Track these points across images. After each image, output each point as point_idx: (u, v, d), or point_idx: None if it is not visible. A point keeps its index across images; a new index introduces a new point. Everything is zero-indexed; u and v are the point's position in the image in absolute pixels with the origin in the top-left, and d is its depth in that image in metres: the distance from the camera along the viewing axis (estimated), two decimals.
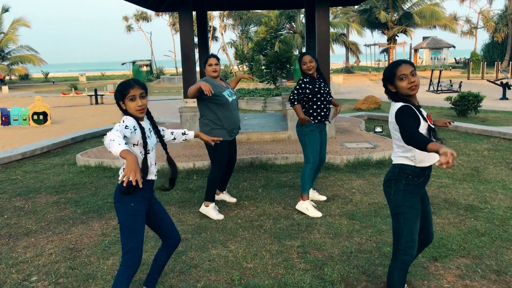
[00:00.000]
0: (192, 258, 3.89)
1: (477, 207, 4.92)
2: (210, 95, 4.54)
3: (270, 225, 4.60)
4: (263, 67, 18.13)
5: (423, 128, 2.67)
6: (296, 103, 4.91)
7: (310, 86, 4.88)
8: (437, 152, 2.29)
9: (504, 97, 15.98)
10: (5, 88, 29.07)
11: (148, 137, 2.85)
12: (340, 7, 37.28)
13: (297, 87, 4.91)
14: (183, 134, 3.34)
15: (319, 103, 4.92)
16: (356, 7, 35.38)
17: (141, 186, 2.34)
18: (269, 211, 5.00)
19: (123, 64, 41.96)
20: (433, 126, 2.74)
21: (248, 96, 16.07)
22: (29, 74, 44.58)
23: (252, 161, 7.06)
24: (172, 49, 46.54)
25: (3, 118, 12.85)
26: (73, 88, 26.45)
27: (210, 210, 4.88)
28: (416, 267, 3.58)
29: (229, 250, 4.02)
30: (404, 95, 2.70)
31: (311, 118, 4.95)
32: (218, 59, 5.01)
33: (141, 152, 2.82)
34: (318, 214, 4.82)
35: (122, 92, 2.75)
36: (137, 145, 2.80)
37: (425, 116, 2.74)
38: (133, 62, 38.94)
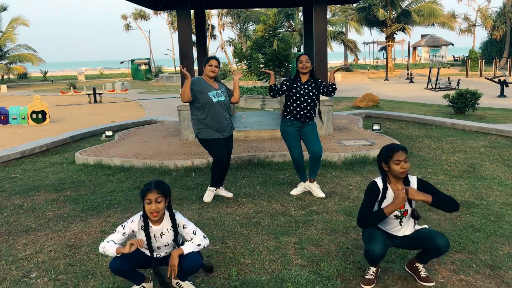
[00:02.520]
0: None
1: (473, 203, 4.96)
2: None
3: (267, 221, 4.64)
4: (261, 65, 18.15)
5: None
6: (272, 87, 5.31)
7: (288, 84, 5.26)
8: (393, 209, 3.02)
9: (502, 95, 16.03)
10: (3, 87, 29.06)
11: (154, 240, 3.10)
12: (338, 5, 37.29)
13: (281, 81, 5.33)
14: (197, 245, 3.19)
15: (294, 104, 5.23)
16: (354, 5, 35.38)
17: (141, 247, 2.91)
18: (267, 208, 5.04)
19: (121, 62, 41.98)
20: (399, 214, 3.17)
21: (247, 94, 16.11)
22: (28, 73, 44.52)
23: (250, 159, 7.10)
24: (171, 47, 46.57)
25: (2, 117, 12.87)
26: (71, 87, 26.46)
27: (207, 191, 5.44)
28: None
29: (227, 247, 4.06)
30: (394, 175, 3.13)
31: (285, 114, 5.33)
32: (219, 62, 5.25)
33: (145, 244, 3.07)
34: (294, 192, 5.49)
35: (141, 195, 3.00)
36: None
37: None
38: (132, 61, 38.92)
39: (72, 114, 15.23)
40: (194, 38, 11.44)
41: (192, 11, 11.01)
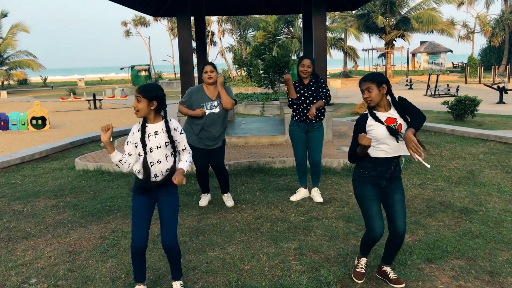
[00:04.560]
0: (190, 260, 3.93)
1: (472, 210, 4.97)
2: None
3: (267, 227, 4.64)
4: (261, 72, 18.21)
5: (381, 131, 3.17)
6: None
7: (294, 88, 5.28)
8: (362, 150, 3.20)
9: (501, 101, 16.07)
10: (3, 93, 29.10)
11: (148, 139, 3.16)
12: (338, 12, 37.44)
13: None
14: (185, 161, 3.31)
15: (300, 107, 5.28)
16: (353, 12, 35.54)
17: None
18: (267, 214, 5.04)
19: (121, 69, 42.05)
20: (393, 128, 3.17)
21: (246, 100, 16.14)
22: (28, 79, 44.60)
23: (250, 165, 7.11)
24: (171, 54, 46.67)
25: (2, 123, 12.88)
26: (71, 93, 26.49)
27: (201, 198, 5.58)
28: (411, 268, 3.63)
29: (226, 253, 4.06)
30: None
31: (292, 116, 5.40)
32: (214, 66, 5.17)
33: (139, 153, 3.18)
34: (293, 198, 5.51)
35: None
36: (137, 146, 3.20)
37: (383, 120, 3.18)
38: (132, 67, 38.99)
39: (72, 120, 15.25)
40: (194, 44, 11.48)
41: (192, 18, 11.05)
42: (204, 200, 5.52)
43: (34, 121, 12.95)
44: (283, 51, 18.02)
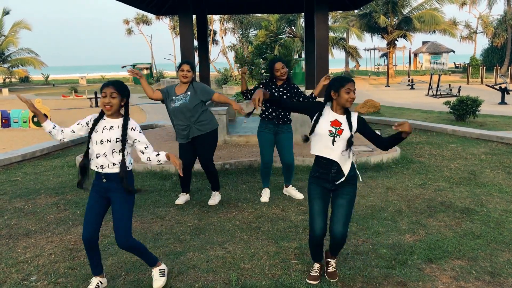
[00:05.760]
0: (190, 259, 3.93)
1: (473, 210, 4.96)
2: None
3: (268, 227, 4.64)
4: (263, 71, 18.19)
5: (323, 127, 3.25)
6: (244, 91, 5.50)
7: (262, 87, 5.28)
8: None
9: (502, 102, 16.05)
10: (5, 91, 29.14)
11: (96, 131, 3.21)
12: (340, 11, 37.41)
13: (256, 85, 5.40)
14: (157, 155, 3.34)
15: (270, 108, 5.29)
16: (355, 11, 35.49)
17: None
18: (267, 213, 5.04)
19: (123, 67, 42.02)
20: (333, 131, 3.25)
21: (248, 100, 16.13)
22: (30, 76, 44.64)
23: (251, 164, 7.10)
24: (172, 52, 46.71)
25: (4, 120, 12.90)
26: (73, 91, 26.52)
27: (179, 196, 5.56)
28: (411, 268, 3.63)
29: (227, 251, 4.06)
30: (339, 104, 3.27)
31: (262, 116, 5.39)
32: (192, 66, 5.19)
33: (88, 145, 3.26)
34: (263, 199, 5.46)
35: (101, 89, 3.19)
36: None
37: (330, 120, 3.26)
38: (133, 65, 39.02)
39: (74, 118, 15.26)
40: (195, 43, 11.48)
41: (194, 16, 11.05)
42: (181, 199, 5.48)
43: (35, 119, 12.96)
44: (285, 50, 18.02)
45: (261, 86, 5.35)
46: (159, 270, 3.46)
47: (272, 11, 12.92)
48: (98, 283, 3.41)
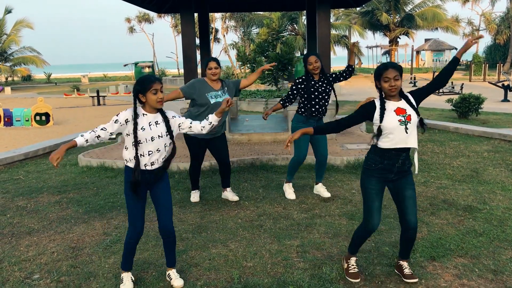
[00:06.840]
0: (193, 257, 3.93)
1: (476, 208, 4.95)
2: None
3: (270, 225, 4.64)
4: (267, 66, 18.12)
5: (390, 120, 3.14)
6: (281, 102, 5.38)
7: (303, 86, 5.21)
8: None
9: (505, 99, 16.01)
10: (7, 89, 29.19)
11: (143, 129, 3.14)
12: (342, 9, 37.34)
13: (292, 87, 5.30)
14: (207, 120, 3.44)
15: (312, 102, 5.22)
16: (358, 9, 35.44)
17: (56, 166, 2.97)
18: (269, 211, 5.04)
19: (125, 65, 42.05)
20: (403, 119, 3.15)
21: (250, 97, 16.12)
22: (32, 75, 44.71)
23: (253, 162, 7.10)
24: (174, 50, 46.67)
25: (6, 119, 12.92)
26: (75, 89, 26.54)
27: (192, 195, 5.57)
28: (414, 266, 3.62)
29: (229, 249, 4.06)
30: (385, 93, 3.19)
31: (301, 112, 5.29)
32: (218, 62, 5.13)
33: (132, 142, 3.15)
34: (291, 196, 5.43)
35: (145, 86, 3.11)
36: (129, 135, 3.18)
37: (394, 109, 3.16)
38: (135, 64, 38.98)
39: (76, 116, 15.28)
40: (197, 41, 11.48)
41: (195, 14, 11.05)
42: (196, 196, 5.52)
43: (38, 117, 12.99)
44: (287, 48, 17.97)
45: (298, 85, 5.23)
46: (176, 271, 3.51)
47: (274, 9, 12.91)
48: (131, 277, 3.44)
